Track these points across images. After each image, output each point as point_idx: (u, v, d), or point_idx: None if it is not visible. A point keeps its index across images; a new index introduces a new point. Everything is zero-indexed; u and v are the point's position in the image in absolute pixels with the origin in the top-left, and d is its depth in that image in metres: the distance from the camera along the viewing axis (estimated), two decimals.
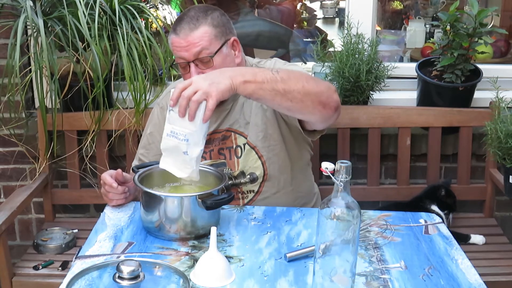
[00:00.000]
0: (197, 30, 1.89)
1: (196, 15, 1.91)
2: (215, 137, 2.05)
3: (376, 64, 2.60)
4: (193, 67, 1.90)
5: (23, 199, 2.39)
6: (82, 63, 2.38)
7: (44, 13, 2.38)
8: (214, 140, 2.06)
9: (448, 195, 2.52)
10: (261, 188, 2.05)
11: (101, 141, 2.62)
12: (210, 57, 1.90)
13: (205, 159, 2.05)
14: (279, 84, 1.67)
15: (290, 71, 1.79)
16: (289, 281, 1.52)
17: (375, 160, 2.66)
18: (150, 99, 2.58)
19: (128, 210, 1.90)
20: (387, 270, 1.59)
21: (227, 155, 2.05)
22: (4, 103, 2.58)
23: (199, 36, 1.88)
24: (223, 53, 1.93)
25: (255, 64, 2.10)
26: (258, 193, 2.06)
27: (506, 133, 2.20)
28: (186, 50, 1.90)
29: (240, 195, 2.05)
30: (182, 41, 1.89)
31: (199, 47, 1.89)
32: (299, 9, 4.47)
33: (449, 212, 2.51)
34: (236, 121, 2.04)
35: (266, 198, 2.06)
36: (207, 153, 2.05)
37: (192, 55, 1.89)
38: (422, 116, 2.62)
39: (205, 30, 1.89)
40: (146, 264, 1.48)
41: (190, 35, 1.89)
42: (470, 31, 2.51)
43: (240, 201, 2.06)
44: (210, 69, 1.89)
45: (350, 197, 1.37)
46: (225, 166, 2.05)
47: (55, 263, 2.37)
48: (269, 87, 1.66)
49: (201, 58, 1.90)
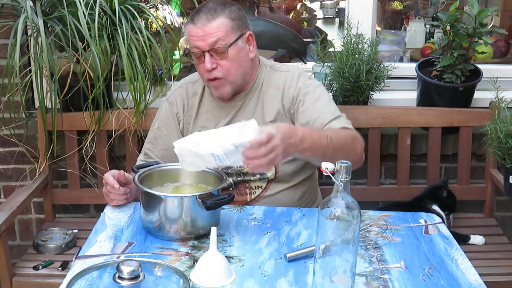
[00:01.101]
0: (215, 21, 1.93)
1: (214, 7, 1.95)
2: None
3: (376, 64, 2.60)
4: (207, 56, 1.94)
5: (23, 199, 2.39)
6: (82, 63, 2.38)
7: (44, 13, 2.38)
8: None
9: (449, 196, 2.52)
10: (269, 185, 2.07)
11: (101, 141, 2.62)
12: (225, 48, 1.94)
13: None
14: (329, 152, 1.76)
15: (341, 136, 1.85)
16: (289, 281, 1.52)
17: (375, 160, 2.66)
18: (150, 99, 2.58)
19: (128, 210, 1.90)
20: (387, 270, 1.59)
21: None
22: (4, 103, 2.58)
23: (216, 27, 1.92)
24: (238, 46, 1.97)
25: (270, 66, 2.12)
26: (265, 189, 2.07)
27: (506, 133, 2.20)
28: (202, 39, 1.93)
29: (248, 190, 2.07)
30: (199, 31, 1.93)
31: (215, 38, 1.92)
32: (299, 9, 4.48)
33: (449, 213, 2.51)
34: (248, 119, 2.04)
35: (273, 195, 2.07)
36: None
37: (207, 45, 1.93)
38: (422, 116, 2.62)
39: (222, 22, 1.93)
40: (146, 264, 1.47)
41: (207, 25, 1.92)
42: (470, 31, 2.51)
43: (247, 196, 2.07)
44: (224, 60, 1.94)
45: (350, 197, 1.37)
46: None
47: (55, 263, 2.37)
48: (320, 154, 1.75)
49: (216, 48, 1.93)
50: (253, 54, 2.03)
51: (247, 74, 2.04)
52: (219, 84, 1.98)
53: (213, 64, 1.94)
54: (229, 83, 1.99)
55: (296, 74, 2.07)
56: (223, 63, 1.95)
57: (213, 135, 1.61)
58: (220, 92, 2.01)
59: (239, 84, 2.02)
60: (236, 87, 2.02)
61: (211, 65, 1.94)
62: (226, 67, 1.96)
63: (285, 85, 2.04)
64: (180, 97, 2.13)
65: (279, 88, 2.05)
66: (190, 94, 2.13)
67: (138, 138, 2.63)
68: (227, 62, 1.95)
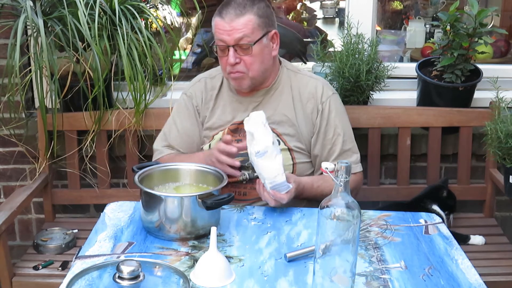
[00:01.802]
0: (243, 17, 1.96)
1: (243, 2, 1.98)
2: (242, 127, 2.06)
3: (376, 64, 2.60)
4: (231, 51, 1.98)
5: (23, 199, 2.39)
6: (82, 63, 2.38)
7: (44, 13, 2.38)
8: (244, 131, 2.06)
9: (449, 196, 2.52)
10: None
11: (101, 141, 2.62)
12: (250, 44, 1.97)
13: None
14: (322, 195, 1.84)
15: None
16: (289, 281, 1.52)
17: (375, 160, 2.66)
18: (150, 99, 2.58)
19: (128, 210, 1.91)
20: (387, 270, 1.59)
21: None
22: (4, 103, 2.58)
23: (243, 23, 1.96)
24: (263, 44, 2.01)
25: (290, 67, 2.17)
26: None
27: (506, 133, 2.20)
28: (228, 34, 1.97)
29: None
30: (226, 25, 1.97)
31: (241, 34, 1.96)
32: (299, 9, 4.47)
33: (449, 212, 2.51)
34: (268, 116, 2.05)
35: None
36: (234, 141, 2.07)
37: (233, 40, 1.97)
38: (422, 116, 2.62)
39: (249, 18, 1.97)
40: (146, 264, 1.47)
41: (235, 20, 1.96)
42: (470, 31, 2.51)
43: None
44: (248, 56, 1.99)
45: (350, 197, 1.37)
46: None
47: (55, 263, 2.37)
48: (312, 195, 2.00)
49: (241, 44, 1.97)
50: (275, 52, 2.08)
51: (268, 71, 2.08)
52: (240, 77, 2.03)
53: (237, 59, 1.99)
54: (249, 78, 2.03)
55: (320, 85, 2.12)
56: (247, 58, 1.99)
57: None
58: (239, 84, 2.06)
59: (259, 80, 2.07)
60: (255, 83, 2.07)
61: (235, 59, 1.98)
62: (249, 63, 2.00)
63: (309, 92, 2.11)
64: (199, 90, 2.18)
65: (302, 93, 2.11)
66: (209, 88, 2.17)
67: (138, 138, 2.62)
68: (250, 58, 1.99)
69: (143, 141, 2.64)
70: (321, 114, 2.10)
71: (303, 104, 2.11)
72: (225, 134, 2.08)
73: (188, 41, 3.64)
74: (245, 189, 2.06)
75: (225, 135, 1.99)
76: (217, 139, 2.09)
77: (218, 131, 2.11)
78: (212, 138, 2.13)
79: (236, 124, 2.10)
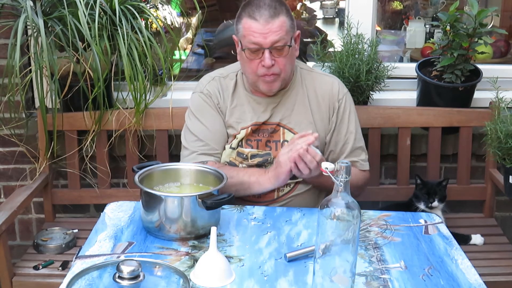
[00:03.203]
0: (278, 19, 1.95)
1: (273, 4, 1.97)
2: (264, 128, 2.08)
3: (376, 64, 2.60)
4: (267, 53, 1.95)
5: (23, 199, 2.39)
6: (82, 63, 2.38)
7: (44, 13, 2.38)
8: (263, 132, 2.09)
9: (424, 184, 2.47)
10: (296, 186, 2.08)
11: (101, 141, 2.62)
12: (288, 46, 1.97)
13: (251, 147, 2.08)
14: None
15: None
16: (289, 281, 1.53)
17: (375, 160, 2.65)
18: (150, 99, 2.58)
19: (128, 210, 1.91)
20: (387, 270, 1.59)
21: (273, 147, 2.09)
22: (4, 103, 2.58)
23: (279, 25, 1.95)
24: (293, 45, 2.01)
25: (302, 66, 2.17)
26: (293, 189, 2.08)
27: (506, 133, 2.20)
28: (264, 37, 1.94)
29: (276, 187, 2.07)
30: (261, 27, 1.94)
31: (278, 36, 1.95)
32: (299, 9, 4.47)
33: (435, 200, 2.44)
34: (286, 117, 2.09)
35: (298, 195, 2.08)
36: (253, 141, 2.08)
37: (269, 42, 1.95)
38: (422, 116, 2.62)
39: (284, 20, 1.96)
40: (146, 264, 1.47)
41: (270, 22, 1.94)
42: (470, 31, 2.51)
43: (275, 194, 2.07)
44: (281, 58, 1.98)
45: (350, 197, 1.37)
46: (270, 157, 2.08)
47: (55, 263, 2.37)
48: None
49: (277, 46, 1.95)
50: (297, 53, 2.08)
51: (293, 72, 2.10)
52: (273, 79, 2.01)
53: (272, 60, 1.96)
54: (281, 79, 2.03)
55: (336, 83, 2.14)
56: (280, 60, 1.98)
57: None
58: (270, 87, 2.03)
59: (287, 80, 2.07)
60: (283, 84, 2.07)
61: (271, 61, 1.96)
62: (283, 64, 1.99)
63: (325, 90, 2.12)
64: (216, 88, 2.13)
65: (317, 91, 2.12)
66: (224, 87, 2.13)
67: (138, 138, 2.63)
68: (284, 60, 1.98)
69: (143, 141, 2.64)
70: (337, 112, 2.11)
71: (319, 103, 2.11)
72: (247, 134, 2.07)
73: (188, 41, 3.65)
74: None
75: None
76: (240, 138, 2.08)
77: (240, 130, 2.09)
78: (234, 137, 2.09)
79: (257, 125, 2.08)
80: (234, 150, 2.09)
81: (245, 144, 2.08)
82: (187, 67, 3.42)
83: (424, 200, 2.44)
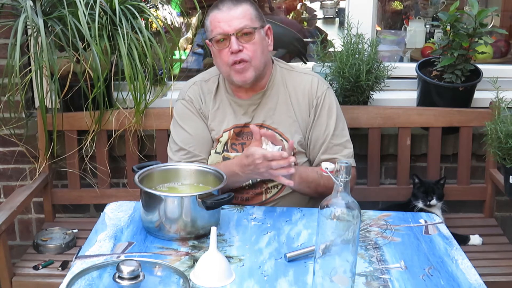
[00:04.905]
0: (240, 6, 1.99)
1: None
2: (247, 130, 2.07)
3: (376, 64, 2.60)
4: (233, 38, 1.97)
5: (23, 199, 2.39)
6: (82, 63, 2.38)
7: (44, 13, 2.38)
8: (247, 134, 2.08)
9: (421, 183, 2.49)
10: (284, 187, 2.07)
11: (101, 141, 2.62)
12: (253, 28, 1.98)
13: (237, 151, 2.07)
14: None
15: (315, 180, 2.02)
16: (289, 281, 1.52)
17: (375, 160, 2.66)
18: (150, 99, 2.58)
19: (128, 210, 1.91)
20: (387, 270, 1.59)
21: None
22: (4, 103, 2.58)
23: (242, 12, 1.99)
24: (261, 34, 2.03)
25: (283, 65, 2.16)
26: (280, 190, 2.07)
27: (506, 133, 2.20)
28: (229, 24, 1.98)
29: (264, 189, 2.07)
30: (225, 15, 1.98)
31: (241, 21, 1.98)
32: (299, 9, 4.47)
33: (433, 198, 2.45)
34: (269, 117, 2.09)
35: (285, 196, 2.08)
36: (238, 145, 2.08)
37: (234, 28, 1.97)
38: (422, 116, 2.62)
39: (247, 8, 2.00)
40: (146, 264, 1.47)
41: (233, 9, 1.98)
42: (470, 31, 2.51)
43: (263, 196, 2.07)
44: (249, 44, 1.98)
45: (350, 197, 1.37)
46: None
47: (55, 263, 2.37)
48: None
49: (243, 30, 1.97)
50: (271, 47, 2.10)
51: (266, 66, 2.08)
52: (244, 67, 2.00)
53: (239, 45, 1.97)
54: (253, 67, 2.01)
55: (315, 80, 2.13)
56: (248, 46, 1.99)
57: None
58: (243, 77, 2.01)
59: (260, 72, 2.05)
60: (258, 75, 2.04)
61: (238, 46, 1.97)
62: (252, 50, 1.99)
63: (304, 88, 2.11)
64: (197, 93, 2.14)
65: (297, 89, 2.11)
66: (205, 91, 2.14)
67: (138, 138, 2.63)
68: (252, 46, 1.99)
69: (143, 141, 2.64)
70: (315, 108, 2.10)
71: (299, 101, 2.10)
72: (230, 137, 2.07)
73: (188, 41, 3.65)
74: (248, 194, 2.07)
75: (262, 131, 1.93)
76: (224, 142, 2.08)
77: (222, 133, 2.10)
78: (218, 141, 2.10)
79: (239, 127, 2.09)
80: (220, 155, 2.08)
81: (230, 149, 2.08)
82: (187, 67, 3.42)
83: (422, 198, 2.44)
